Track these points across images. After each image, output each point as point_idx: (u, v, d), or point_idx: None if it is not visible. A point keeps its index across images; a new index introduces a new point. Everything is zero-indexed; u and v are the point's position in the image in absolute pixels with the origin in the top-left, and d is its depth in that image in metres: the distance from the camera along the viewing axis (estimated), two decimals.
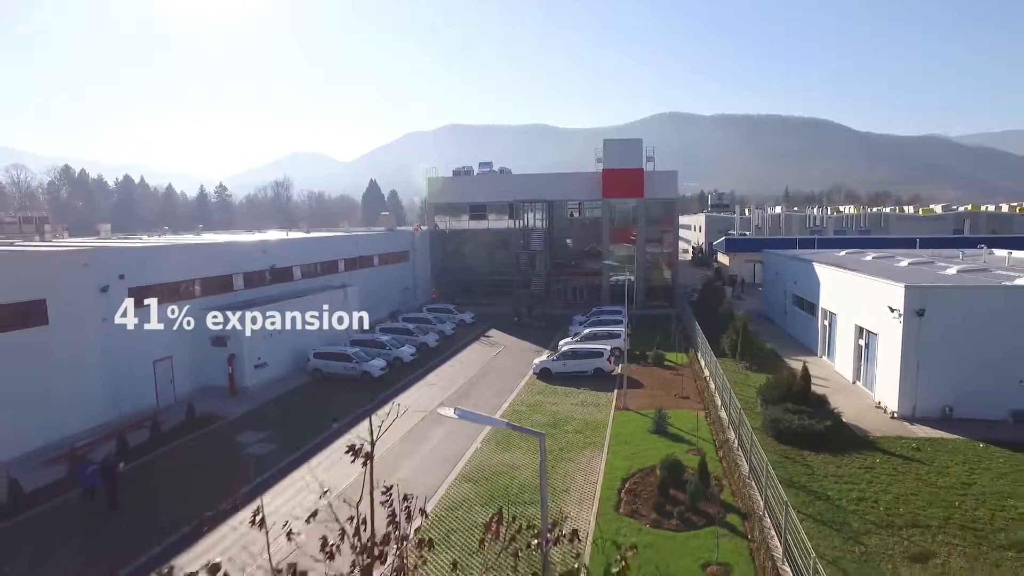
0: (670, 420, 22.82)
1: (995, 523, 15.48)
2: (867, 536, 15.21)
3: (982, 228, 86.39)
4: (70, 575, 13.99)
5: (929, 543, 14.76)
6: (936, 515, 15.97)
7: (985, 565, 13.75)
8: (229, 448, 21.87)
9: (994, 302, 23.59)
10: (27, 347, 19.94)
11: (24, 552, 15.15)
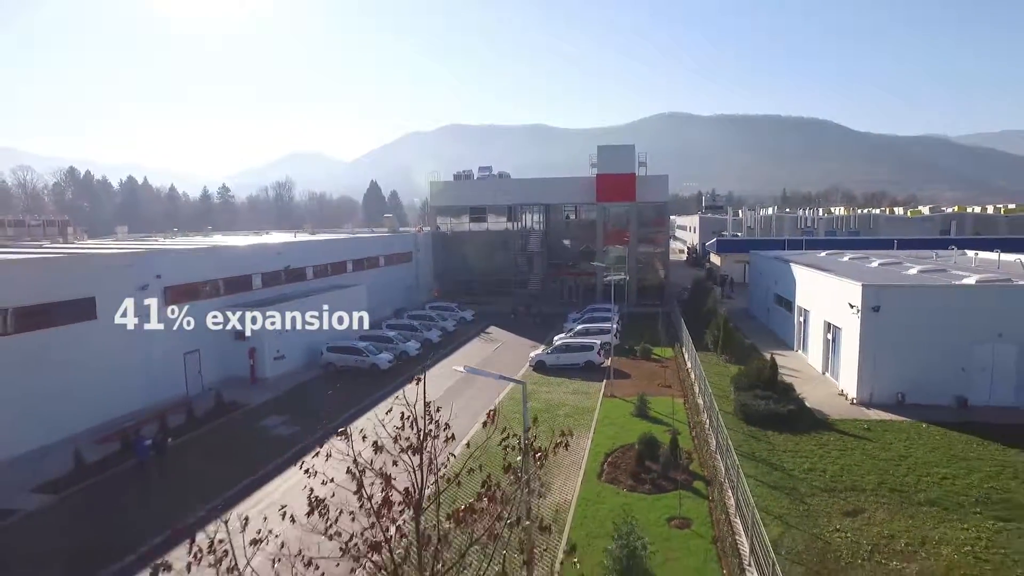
0: (651, 406, 25.50)
1: (918, 486, 18.19)
2: (811, 497, 17.90)
3: (968, 229, 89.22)
4: (136, 528, 16.64)
5: (861, 502, 17.45)
6: (872, 481, 18.67)
7: (903, 517, 16.46)
8: (254, 430, 24.56)
9: (940, 300, 26.33)
10: (80, 339, 22.61)
11: (95, 509, 17.83)
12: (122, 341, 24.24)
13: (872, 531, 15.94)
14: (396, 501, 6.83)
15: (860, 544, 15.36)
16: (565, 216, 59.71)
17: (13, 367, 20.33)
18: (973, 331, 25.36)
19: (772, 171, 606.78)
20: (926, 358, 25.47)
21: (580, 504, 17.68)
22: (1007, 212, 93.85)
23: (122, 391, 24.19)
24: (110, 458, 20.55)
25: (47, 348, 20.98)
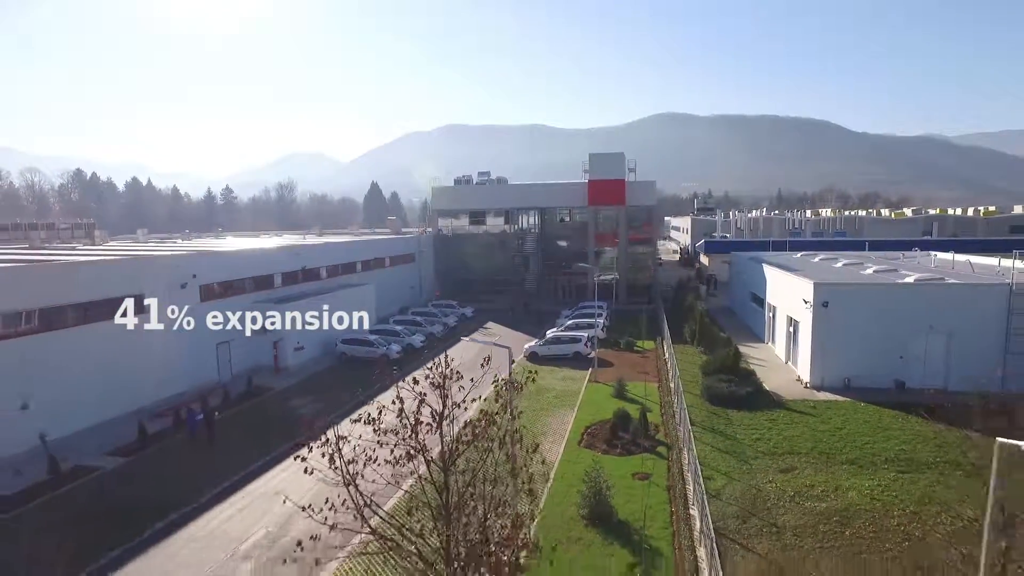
0: (628, 389, 29.30)
1: (843, 450, 21.98)
2: (754, 459, 21.69)
3: (948, 231, 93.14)
4: (194, 483, 20.36)
5: (794, 462, 21.24)
6: (806, 446, 22.46)
7: (825, 472, 20.27)
8: (283, 409, 28.34)
9: (882, 296, 30.19)
10: (132, 330, 26.32)
11: (159, 469, 21.59)
12: (166, 333, 27.94)
13: (798, 482, 19.73)
14: (425, 421, 10.55)
15: (786, 491, 19.15)
16: (559, 219, 63.48)
17: (87, 353, 24.05)
18: (910, 324, 29.15)
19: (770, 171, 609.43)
20: (869, 347, 29.25)
21: (562, 463, 21.48)
22: (986, 214, 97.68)
23: (168, 375, 27.94)
24: (166, 430, 24.32)
25: (110, 338, 24.67)
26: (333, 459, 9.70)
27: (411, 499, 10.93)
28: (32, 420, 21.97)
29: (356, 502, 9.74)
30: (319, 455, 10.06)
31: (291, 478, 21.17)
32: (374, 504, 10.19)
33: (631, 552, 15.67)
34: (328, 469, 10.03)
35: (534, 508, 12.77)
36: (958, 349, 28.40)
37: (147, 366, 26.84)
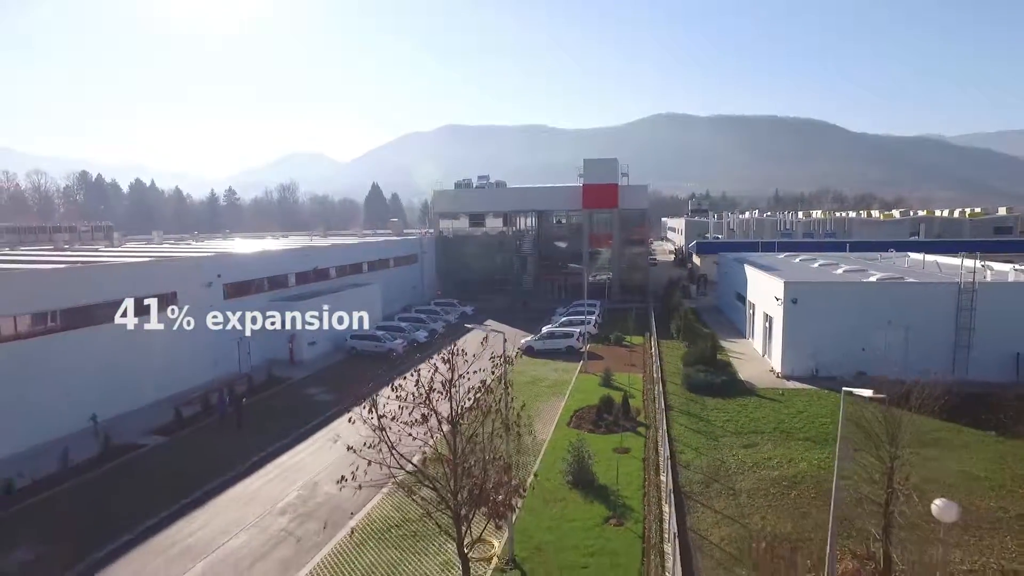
0: (615, 379, 32.20)
1: (802, 430, 24.92)
2: (722, 437, 24.62)
3: (935, 232, 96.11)
4: (227, 458, 23.23)
5: (757, 440, 24.16)
6: (770, 427, 25.38)
7: (783, 448, 23.20)
8: (301, 396, 31.27)
9: (847, 293, 33.19)
10: (168, 324, 29.22)
11: (196, 446, 24.49)
12: (195, 327, 30.84)
13: (757, 456, 22.66)
14: (437, 388, 13.44)
15: (746, 463, 22.08)
16: (556, 221, 66.42)
17: (133, 346, 26.93)
18: (872, 319, 32.08)
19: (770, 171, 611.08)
20: (835, 340, 32.15)
21: (552, 440, 24.41)
22: (972, 216, 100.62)
23: (198, 366, 30.86)
24: (197, 415, 27.24)
25: (150, 331, 27.56)
26: (373, 410, 12.51)
27: (424, 454, 13.79)
28: (83, 404, 24.85)
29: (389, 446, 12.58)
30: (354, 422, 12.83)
31: (314, 453, 24.16)
32: (397, 452, 13.08)
33: (607, 508, 18.59)
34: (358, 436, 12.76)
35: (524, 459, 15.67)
36: (914, 342, 31.32)
37: (178, 358, 29.74)
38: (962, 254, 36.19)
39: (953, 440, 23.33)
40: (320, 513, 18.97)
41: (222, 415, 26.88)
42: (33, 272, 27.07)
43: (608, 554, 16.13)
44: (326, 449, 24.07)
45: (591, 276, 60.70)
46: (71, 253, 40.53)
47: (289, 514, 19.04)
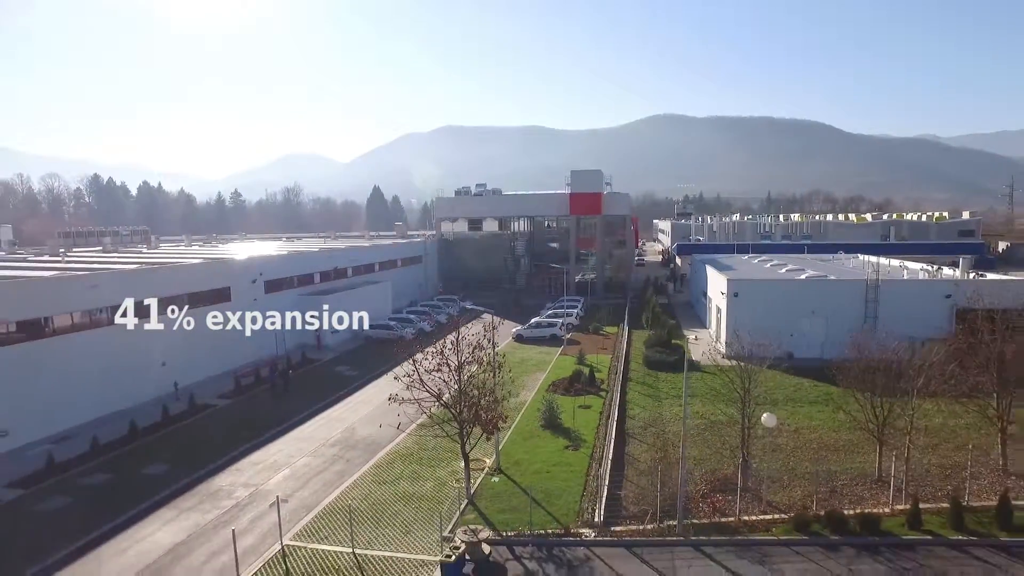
0: (587, 359, 39.41)
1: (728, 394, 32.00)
2: (664, 400, 31.91)
3: (903, 235, 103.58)
4: (278, 415, 30.39)
5: (690, 400, 31.38)
6: (703, 392, 32.61)
7: (711, 405, 30.48)
8: (331, 372, 38.49)
9: (779, 288, 40.54)
10: (224, 315, 36.38)
11: (253, 406, 31.69)
12: (243, 316, 37.99)
13: (691, 411, 29.88)
14: (448, 350, 20.71)
15: (677, 415, 29.29)
16: (546, 224, 73.70)
17: (196, 332, 34.04)
18: (799, 309, 39.35)
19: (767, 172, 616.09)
20: (768, 326, 38.89)
21: (532, 401, 31.65)
22: (938, 219, 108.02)
23: (246, 347, 37.96)
24: (250, 384, 34.48)
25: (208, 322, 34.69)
26: (413, 363, 19.70)
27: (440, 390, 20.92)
28: (169, 374, 32.04)
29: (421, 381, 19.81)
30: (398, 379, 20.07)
31: (350, 410, 31.45)
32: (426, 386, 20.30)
33: (568, 440, 25.86)
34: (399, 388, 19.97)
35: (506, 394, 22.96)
36: (831, 328, 38.59)
37: (234, 339, 36.86)
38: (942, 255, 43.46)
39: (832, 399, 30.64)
40: (360, 446, 26.20)
41: (272, 384, 34.13)
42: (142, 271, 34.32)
43: (565, 465, 23.39)
44: (358, 407, 31.38)
45: (579, 276, 68.08)
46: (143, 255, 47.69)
47: (338, 446, 26.27)
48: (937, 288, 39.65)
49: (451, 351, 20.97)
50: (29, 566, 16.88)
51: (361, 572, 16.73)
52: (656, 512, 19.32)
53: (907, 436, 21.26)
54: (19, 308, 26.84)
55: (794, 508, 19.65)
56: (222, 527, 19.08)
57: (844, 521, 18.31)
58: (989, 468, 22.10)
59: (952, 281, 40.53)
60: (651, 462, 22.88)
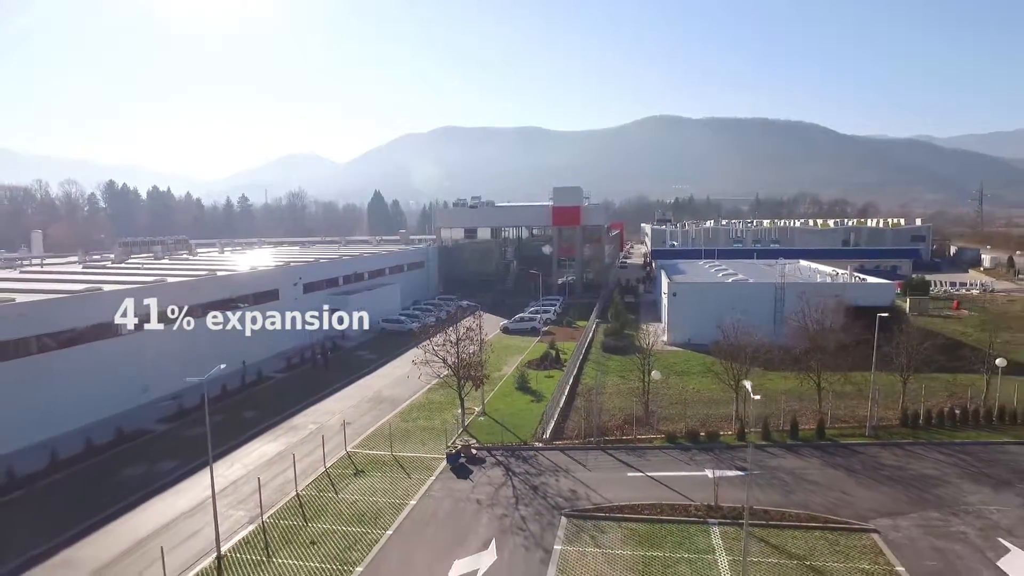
0: (557, 345, 50.62)
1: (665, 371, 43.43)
2: (609, 374, 43.13)
3: (863, 240, 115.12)
4: (323, 383, 41.51)
5: (628, 374, 42.63)
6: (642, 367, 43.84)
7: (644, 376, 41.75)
8: (355, 356, 49.68)
9: (708, 289, 51.84)
10: (273, 312, 47.52)
11: (302, 378, 42.87)
12: (289, 313, 49.16)
13: (625, 381, 41.06)
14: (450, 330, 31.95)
15: (616, 383, 40.52)
16: (533, 233, 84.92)
17: (255, 322, 45.22)
18: (725, 306, 50.40)
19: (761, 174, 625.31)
20: (701, 320, 50.46)
21: (511, 373, 42.90)
22: (893, 226, 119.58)
23: (290, 335, 49.03)
24: (297, 363, 45.67)
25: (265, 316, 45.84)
26: (429, 341, 30.97)
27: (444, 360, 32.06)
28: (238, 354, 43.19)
29: (434, 350, 31.07)
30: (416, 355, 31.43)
31: (375, 380, 42.64)
32: (437, 355, 31.54)
33: (533, 397, 37.16)
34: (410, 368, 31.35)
35: (491, 368, 34.22)
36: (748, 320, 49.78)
37: (281, 330, 48.05)
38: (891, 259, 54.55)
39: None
40: (386, 401, 37.42)
41: (314, 363, 45.34)
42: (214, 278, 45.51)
43: (528, 411, 34.63)
44: (381, 378, 42.64)
45: (561, 278, 79.32)
46: (198, 262, 58.81)
47: (371, 402, 37.49)
48: (827, 290, 50.90)
49: (452, 333, 32.20)
50: (200, 456, 27.95)
51: (398, 463, 27.92)
52: (582, 433, 30.56)
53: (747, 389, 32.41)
54: (183, 298, 38.00)
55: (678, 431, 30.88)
56: (307, 442, 30.28)
57: (696, 436, 29.55)
58: (811, 409, 33.32)
59: (841, 284, 51.79)
60: (585, 407, 34.04)
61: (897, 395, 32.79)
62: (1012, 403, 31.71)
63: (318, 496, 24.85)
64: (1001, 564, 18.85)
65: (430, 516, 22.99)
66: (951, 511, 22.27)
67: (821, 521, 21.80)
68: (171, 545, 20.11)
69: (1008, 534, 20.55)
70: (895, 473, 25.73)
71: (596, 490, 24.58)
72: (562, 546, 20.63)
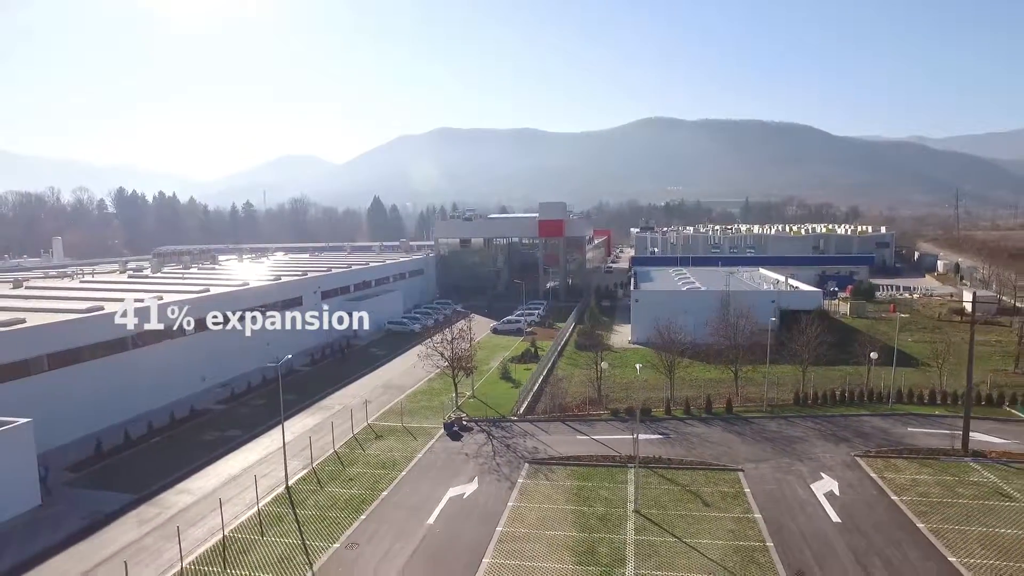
0: (537, 343, 60.23)
1: (618, 362, 53.01)
2: (578, 367, 52.70)
3: (832, 247, 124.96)
4: (344, 372, 50.99)
5: (594, 367, 52.21)
6: (608, 359, 53.46)
7: (613, 368, 51.34)
8: (367, 352, 59.19)
9: (664, 296, 61.52)
10: (297, 316, 57.02)
11: (326, 368, 52.34)
12: (311, 316, 58.63)
13: (590, 370, 50.59)
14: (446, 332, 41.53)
15: (585, 371, 50.08)
16: (521, 242, 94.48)
17: (265, 333, 54.63)
18: (679, 310, 60.01)
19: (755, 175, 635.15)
20: (659, 322, 60.12)
21: (497, 367, 52.47)
22: (860, 233, 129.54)
23: (311, 335, 58.52)
24: (319, 358, 55.15)
25: (292, 320, 55.27)
26: (431, 338, 40.71)
27: (443, 355, 41.69)
28: (271, 351, 52.62)
29: (435, 345, 40.75)
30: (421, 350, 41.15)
31: (385, 372, 52.18)
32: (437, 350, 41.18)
33: (513, 384, 46.70)
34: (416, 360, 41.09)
35: (474, 354, 43.87)
36: (697, 323, 59.42)
37: (305, 331, 57.55)
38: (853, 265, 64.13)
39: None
40: (395, 388, 46.92)
41: (334, 357, 54.81)
42: (251, 288, 54.99)
43: (509, 395, 44.14)
44: (390, 371, 52.12)
45: (547, 284, 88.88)
46: (228, 273, 68.29)
47: (381, 388, 47.02)
48: (765, 296, 60.65)
49: (448, 333, 41.73)
50: (255, 426, 37.33)
51: (407, 431, 37.43)
52: (548, 410, 40.12)
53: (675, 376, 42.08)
54: (228, 306, 47.36)
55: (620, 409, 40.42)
56: (337, 417, 39.71)
57: (633, 411, 39.11)
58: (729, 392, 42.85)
59: (776, 292, 61.45)
60: (551, 392, 43.65)
61: (798, 382, 42.41)
62: (880, 387, 41.38)
63: (350, 452, 34.37)
64: (813, 487, 28.42)
65: (431, 464, 32.50)
66: (798, 458, 31.87)
67: (706, 466, 31.35)
68: (251, 483, 29.43)
69: (829, 470, 30.13)
70: (772, 435, 35.35)
71: (552, 447, 34.12)
72: (523, 480, 30.14)
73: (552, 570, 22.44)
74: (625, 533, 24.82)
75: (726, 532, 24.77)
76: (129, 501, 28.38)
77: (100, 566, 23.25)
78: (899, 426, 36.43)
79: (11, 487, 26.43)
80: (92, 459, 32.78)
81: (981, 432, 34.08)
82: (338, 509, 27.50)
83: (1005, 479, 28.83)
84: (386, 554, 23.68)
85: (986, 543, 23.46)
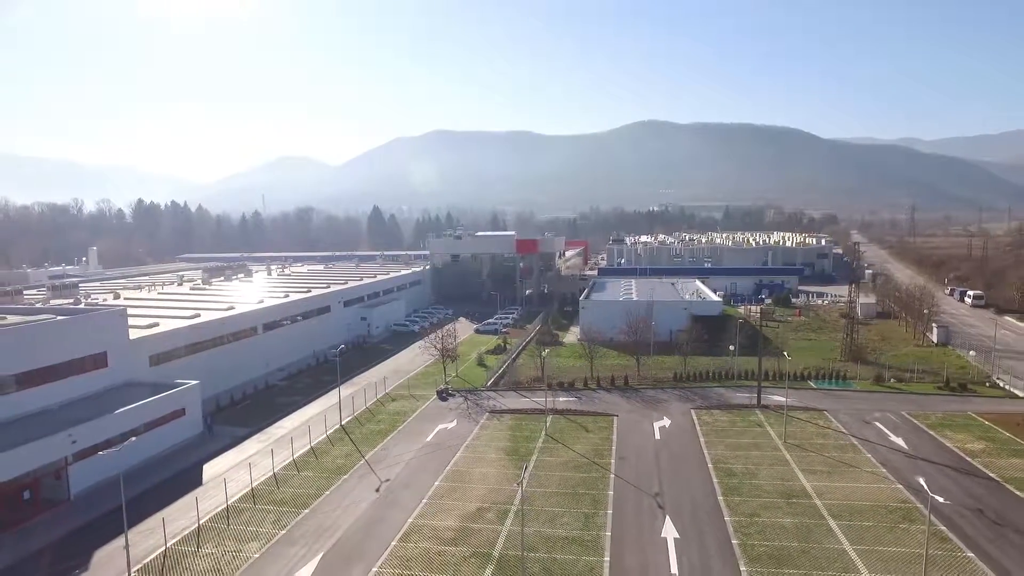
0: (509, 340, 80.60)
1: (567, 354, 73.40)
2: (535, 357, 73.10)
3: (778, 259, 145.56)
4: (360, 361, 71.23)
5: (563, 356, 72.61)
6: (567, 354, 73.84)
7: (572, 360, 71.76)
8: (378, 348, 79.59)
9: (605, 304, 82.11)
10: (326, 319, 77.31)
11: (351, 360, 72.63)
12: (336, 320, 78.95)
13: (560, 361, 70.96)
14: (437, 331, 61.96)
15: (557, 364, 70.42)
16: (503, 256, 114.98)
17: (306, 332, 74.69)
18: (617, 316, 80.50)
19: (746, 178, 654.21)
20: (604, 323, 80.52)
21: (476, 357, 72.84)
22: (804, 246, 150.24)
23: (339, 335, 78.79)
24: (344, 351, 75.46)
25: (321, 323, 75.38)
26: (429, 335, 61.37)
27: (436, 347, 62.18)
28: (313, 346, 72.83)
29: (432, 340, 61.34)
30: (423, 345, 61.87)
31: (395, 360, 72.74)
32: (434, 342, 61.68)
33: (486, 369, 67.07)
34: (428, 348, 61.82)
35: (456, 348, 64.44)
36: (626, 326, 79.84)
37: (329, 331, 77.82)
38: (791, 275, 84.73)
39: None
40: (402, 372, 67.35)
41: (355, 351, 75.21)
42: (294, 301, 75.22)
43: (482, 375, 64.52)
44: (398, 360, 72.64)
45: (524, 292, 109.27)
46: (264, 284, 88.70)
47: (392, 371, 67.49)
48: (680, 304, 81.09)
49: (440, 331, 62.12)
50: (311, 395, 57.60)
51: (412, 396, 57.80)
52: (507, 385, 60.53)
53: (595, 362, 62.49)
54: (281, 314, 67.64)
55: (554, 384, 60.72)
56: (364, 389, 59.86)
57: (563, 386, 59.45)
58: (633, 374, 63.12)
59: (687, 301, 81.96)
60: (510, 372, 63.99)
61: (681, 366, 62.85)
62: (736, 370, 61.86)
63: (377, 408, 54.79)
64: (655, 424, 48.84)
65: (428, 413, 52.83)
66: (655, 410, 52.30)
67: (596, 413, 51.69)
68: (319, 423, 49.55)
69: (670, 416, 50.57)
70: (648, 399, 55.79)
71: (504, 404, 54.51)
72: (484, 421, 50.50)
73: (494, 459, 42.77)
74: (536, 443, 45.26)
75: (594, 441, 45.27)
76: (249, 432, 48.75)
77: (241, 463, 43.50)
78: (732, 393, 56.92)
79: (189, 421, 46.67)
80: (222, 408, 53.35)
81: (780, 395, 54.57)
82: (374, 435, 47.88)
83: (768, 419, 49.36)
84: (403, 452, 44.08)
85: (730, 447, 43.92)
